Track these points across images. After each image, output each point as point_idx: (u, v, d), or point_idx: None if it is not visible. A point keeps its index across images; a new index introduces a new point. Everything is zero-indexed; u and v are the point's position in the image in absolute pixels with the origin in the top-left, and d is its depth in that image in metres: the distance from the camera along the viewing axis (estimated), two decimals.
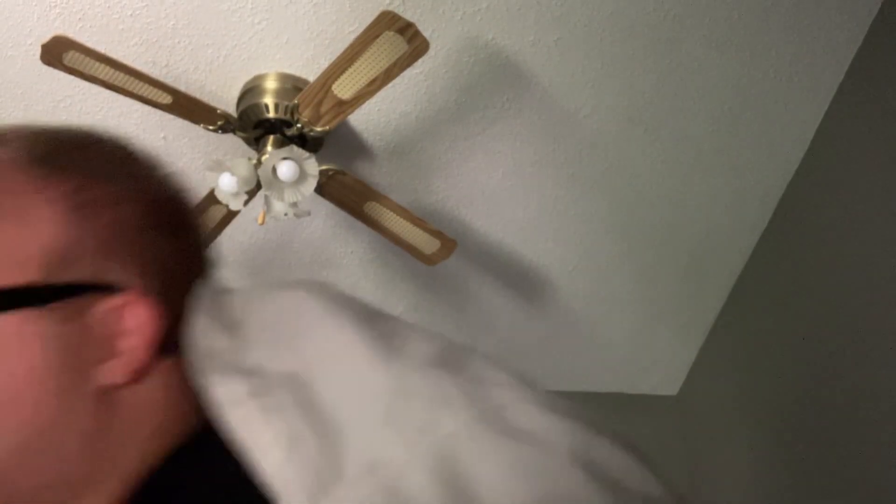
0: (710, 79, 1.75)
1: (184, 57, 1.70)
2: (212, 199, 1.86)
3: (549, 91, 1.77)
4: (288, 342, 0.41)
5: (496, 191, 2.04)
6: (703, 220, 2.15)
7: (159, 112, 1.65)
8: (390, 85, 1.55)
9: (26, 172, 0.40)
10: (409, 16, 1.49)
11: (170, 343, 0.42)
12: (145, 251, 0.41)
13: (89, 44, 1.52)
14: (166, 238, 0.43)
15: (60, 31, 1.56)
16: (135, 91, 1.57)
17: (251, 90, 1.74)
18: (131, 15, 1.61)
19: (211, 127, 1.72)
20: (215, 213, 1.93)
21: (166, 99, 1.61)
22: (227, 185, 1.68)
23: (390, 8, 1.53)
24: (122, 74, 1.54)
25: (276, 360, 0.40)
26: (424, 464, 0.35)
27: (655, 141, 1.91)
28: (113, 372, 0.39)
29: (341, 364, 0.39)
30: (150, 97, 1.59)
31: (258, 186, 1.74)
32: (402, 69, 1.51)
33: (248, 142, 1.81)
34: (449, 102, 1.80)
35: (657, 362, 2.65)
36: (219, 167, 1.66)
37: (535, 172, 2.00)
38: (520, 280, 2.32)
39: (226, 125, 1.72)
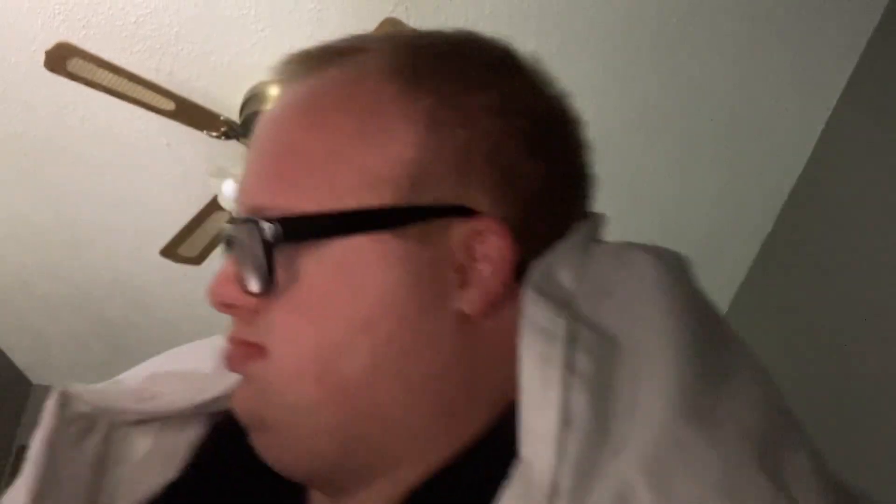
0: (713, 83, 1.75)
1: (187, 64, 1.70)
2: (215, 205, 1.86)
3: None
4: (620, 305, 0.37)
5: None
6: (707, 224, 2.15)
7: (163, 118, 1.65)
8: None
9: (386, 86, 0.39)
10: (412, 22, 1.50)
11: (524, 274, 0.38)
12: (507, 174, 0.38)
13: (93, 50, 1.52)
14: (534, 161, 0.39)
15: (64, 38, 1.56)
16: (138, 97, 1.57)
17: (254, 96, 1.74)
18: (135, 22, 1.61)
19: (214, 133, 1.72)
20: (219, 220, 1.93)
21: (170, 105, 1.61)
22: (230, 191, 1.68)
23: (393, 14, 1.53)
24: (125, 81, 1.54)
25: (605, 316, 0.36)
26: None
27: (658, 145, 1.91)
28: (468, 299, 0.37)
29: (650, 377, 0.34)
30: (153, 104, 1.59)
31: None
32: None
33: None
34: None
35: None
36: (222, 173, 1.67)
37: None
38: None
39: (229, 131, 1.73)
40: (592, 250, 0.40)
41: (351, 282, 0.37)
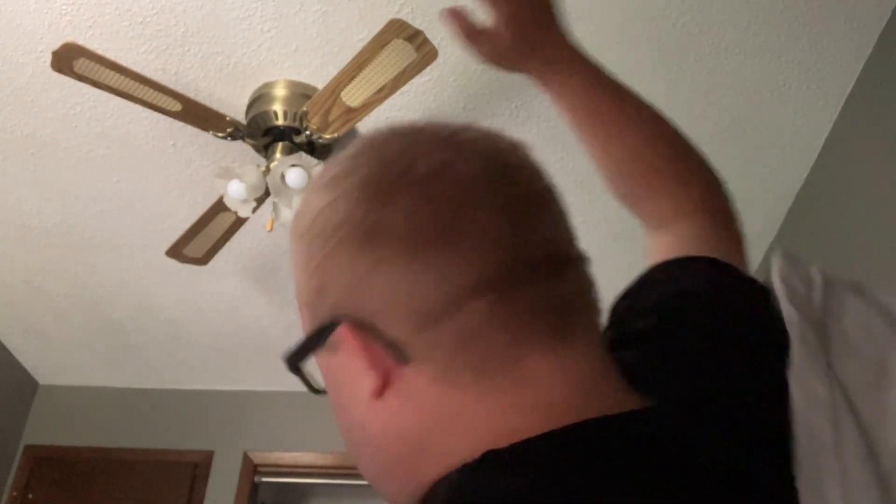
0: (719, 86, 1.75)
1: (193, 64, 1.71)
2: (221, 206, 1.86)
3: None
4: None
5: None
6: None
7: (169, 119, 1.65)
8: (399, 92, 1.55)
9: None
10: (417, 24, 1.49)
11: (417, 353, 0.44)
12: (334, 285, 0.47)
13: (99, 51, 1.52)
14: (360, 261, 0.45)
15: (71, 39, 1.57)
16: (144, 98, 1.58)
17: (260, 97, 1.74)
18: (141, 22, 1.62)
19: (220, 134, 1.72)
20: (224, 220, 1.93)
21: (176, 106, 1.61)
22: (236, 192, 1.68)
23: (399, 16, 1.53)
24: (131, 81, 1.54)
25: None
26: None
27: None
28: (369, 383, 0.45)
29: None
30: (159, 104, 1.60)
31: (267, 193, 1.74)
32: (411, 77, 1.51)
33: (257, 149, 1.81)
34: (457, 110, 1.80)
35: None
36: (228, 174, 1.67)
37: None
38: None
39: (235, 132, 1.73)
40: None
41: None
